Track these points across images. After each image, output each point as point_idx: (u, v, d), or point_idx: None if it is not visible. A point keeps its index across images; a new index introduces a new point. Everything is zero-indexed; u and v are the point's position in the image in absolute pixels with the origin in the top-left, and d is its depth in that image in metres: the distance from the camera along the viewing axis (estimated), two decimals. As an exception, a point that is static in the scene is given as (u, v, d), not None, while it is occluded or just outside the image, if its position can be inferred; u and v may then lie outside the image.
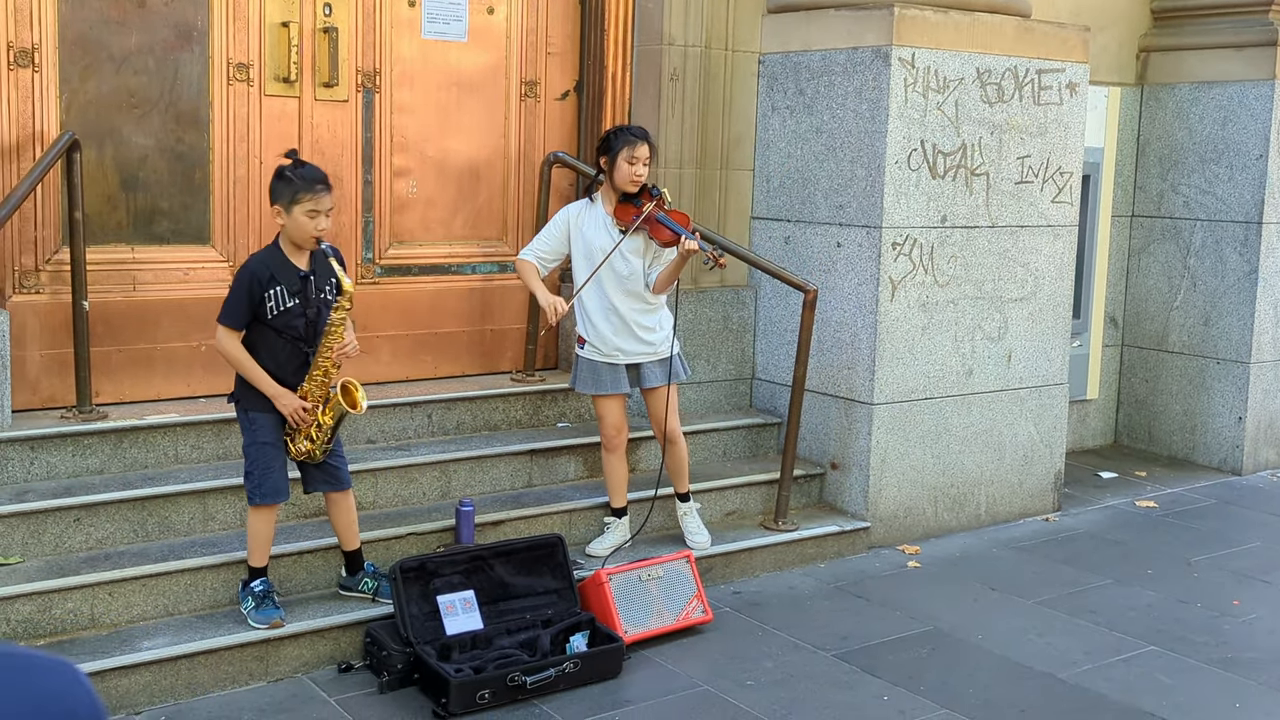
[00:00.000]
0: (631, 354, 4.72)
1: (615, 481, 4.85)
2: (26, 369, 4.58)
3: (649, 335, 4.72)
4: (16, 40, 4.45)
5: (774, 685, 4.11)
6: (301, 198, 3.82)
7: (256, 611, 3.99)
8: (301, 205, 3.82)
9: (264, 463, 3.96)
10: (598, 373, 4.73)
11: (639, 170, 4.60)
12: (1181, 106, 7.08)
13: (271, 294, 3.86)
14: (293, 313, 3.89)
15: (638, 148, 4.59)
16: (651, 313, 4.73)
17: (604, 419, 4.78)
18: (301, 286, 3.90)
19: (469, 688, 3.80)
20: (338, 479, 4.11)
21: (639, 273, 4.68)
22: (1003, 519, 5.97)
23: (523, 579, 4.36)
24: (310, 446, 3.97)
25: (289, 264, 3.91)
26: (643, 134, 4.64)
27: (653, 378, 4.76)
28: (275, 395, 3.90)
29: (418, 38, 5.32)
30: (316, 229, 3.84)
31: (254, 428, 3.97)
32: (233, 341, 3.90)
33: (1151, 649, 4.51)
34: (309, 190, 3.82)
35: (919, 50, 5.35)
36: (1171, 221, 7.17)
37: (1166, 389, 7.26)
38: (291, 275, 3.90)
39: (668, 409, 4.77)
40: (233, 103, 4.90)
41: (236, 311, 3.87)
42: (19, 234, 4.55)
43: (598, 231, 4.68)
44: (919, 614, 4.76)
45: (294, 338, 3.92)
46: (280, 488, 3.99)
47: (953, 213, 5.56)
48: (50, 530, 4.12)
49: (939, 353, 5.60)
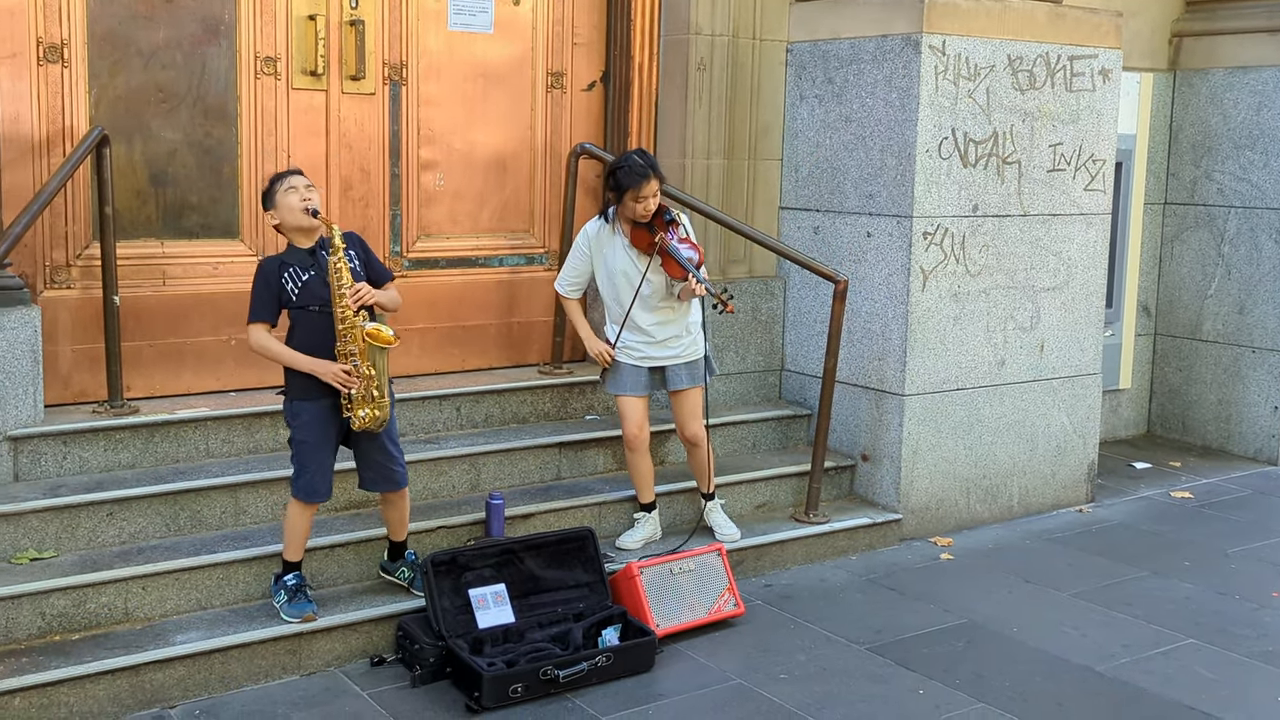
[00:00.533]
0: (658, 359, 4.73)
1: (640, 478, 4.83)
2: (58, 364, 4.59)
3: (673, 343, 4.73)
4: (46, 36, 4.46)
5: (807, 679, 4.08)
6: (276, 187, 3.96)
7: (289, 605, 3.99)
8: (278, 192, 3.95)
9: (302, 460, 3.98)
10: (621, 373, 4.75)
11: (649, 205, 4.57)
12: (1215, 92, 6.99)
13: (287, 276, 3.93)
14: (313, 283, 3.94)
15: (643, 187, 4.51)
16: (674, 322, 4.72)
17: (626, 418, 4.76)
18: (313, 259, 3.97)
19: (502, 681, 3.79)
20: (392, 479, 4.11)
21: (661, 289, 4.68)
22: (1035, 510, 5.91)
23: (554, 572, 4.34)
24: (370, 409, 3.93)
25: (296, 249, 3.99)
26: (645, 171, 4.52)
27: (678, 380, 4.76)
28: (313, 367, 3.91)
29: (444, 29, 5.30)
30: (301, 200, 3.92)
31: (296, 422, 3.98)
32: (261, 335, 3.94)
33: (1190, 642, 4.45)
34: (281, 179, 3.97)
35: (949, 37, 5.29)
36: (1205, 209, 7.08)
37: (1201, 378, 7.17)
38: (300, 255, 3.98)
39: (689, 414, 4.77)
40: (260, 96, 4.89)
41: (259, 305, 3.94)
42: (50, 229, 4.56)
43: (617, 255, 4.69)
44: (953, 607, 4.72)
45: (322, 307, 3.94)
46: (317, 489, 3.98)
47: (984, 201, 5.50)
48: (83, 525, 4.13)
49: (971, 343, 5.55)
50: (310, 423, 3.95)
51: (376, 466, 4.07)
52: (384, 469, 4.08)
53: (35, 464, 4.30)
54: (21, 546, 4.03)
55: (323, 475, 3.99)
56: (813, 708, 3.87)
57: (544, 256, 5.69)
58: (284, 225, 3.97)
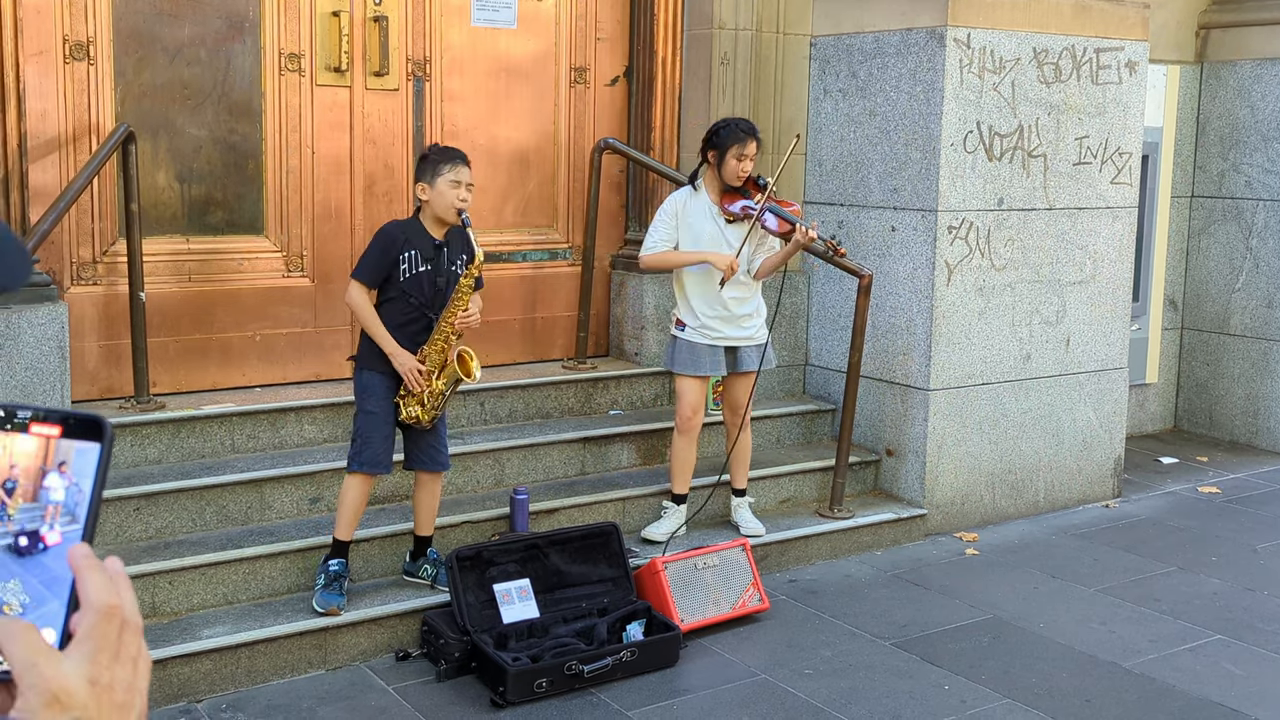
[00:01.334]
0: (731, 338, 4.74)
1: (681, 465, 4.83)
2: (85, 360, 4.62)
3: (746, 321, 4.74)
4: (72, 34, 4.48)
5: (833, 674, 4.07)
6: (443, 169, 3.96)
7: (322, 593, 4.03)
8: (444, 176, 3.96)
9: (367, 431, 4.02)
10: (697, 353, 4.74)
11: (746, 166, 4.61)
12: (1243, 84, 6.93)
13: (406, 256, 3.97)
14: (423, 278, 3.99)
15: (747, 145, 4.59)
16: (749, 300, 4.74)
17: (683, 397, 4.78)
18: (435, 254, 4.01)
19: (527, 676, 3.79)
20: (438, 460, 4.18)
21: (744, 260, 4.68)
22: (1062, 505, 5.88)
23: (578, 567, 4.34)
24: (420, 411, 4.02)
25: (425, 232, 4.03)
26: (751, 129, 4.63)
27: (748, 361, 4.78)
28: (394, 353, 3.96)
29: (467, 25, 5.30)
30: (459, 199, 3.96)
31: (365, 392, 4.04)
32: (363, 296, 4.00)
33: (1219, 638, 4.42)
34: (450, 162, 3.98)
35: (974, 30, 5.26)
36: (1233, 202, 7.02)
37: (1228, 373, 7.12)
38: (427, 243, 4.01)
39: (746, 394, 4.81)
40: (285, 93, 4.91)
41: (371, 268, 3.99)
42: (76, 226, 4.59)
43: (704, 220, 4.69)
44: (978, 602, 4.70)
45: (420, 303, 4.00)
46: (379, 460, 4.03)
47: (1009, 195, 5.47)
48: (110, 519, 4.15)
49: (996, 337, 5.52)
50: (377, 394, 4.02)
51: (426, 447, 4.14)
52: (432, 449, 4.15)
53: (63, 459, 4.32)
54: (50, 541, 4.05)
55: (387, 448, 4.04)
56: (838, 703, 3.86)
57: (567, 252, 5.69)
58: (429, 205, 4.00)
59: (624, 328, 5.75)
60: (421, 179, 4.02)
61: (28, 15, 4.37)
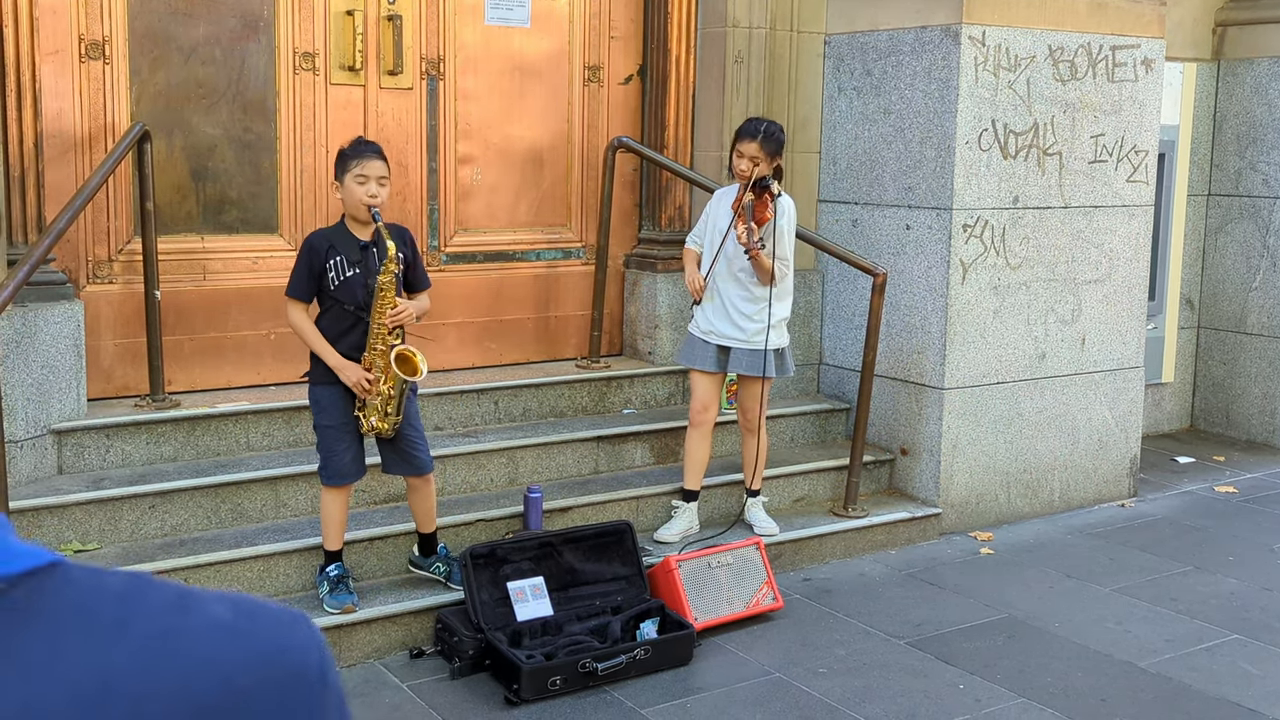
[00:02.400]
0: (724, 336, 4.73)
1: (694, 461, 4.82)
2: (100, 358, 4.64)
3: (744, 322, 4.71)
4: (88, 33, 4.50)
5: (847, 673, 4.06)
6: (351, 165, 3.87)
7: (331, 596, 4.01)
8: (351, 172, 3.86)
9: (328, 444, 3.97)
10: (693, 346, 4.80)
11: (742, 165, 4.62)
12: (1260, 82, 6.89)
13: (332, 264, 3.88)
14: (354, 282, 3.89)
15: (743, 143, 4.63)
16: (752, 301, 4.71)
17: (692, 392, 4.82)
18: (362, 256, 3.91)
19: (541, 674, 3.79)
20: (414, 464, 4.08)
21: (743, 258, 4.67)
22: (1077, 505, 5.85)
23: (592, 565, 4.34)
24: (378, 420, 3.93)
25: (350, 236, 3.93)
26: (750, 130, 4.64)
27: (738, 363, 4.76)
28: (339, 367, 3.89)
29: (481, 24, 5.30)
30: (367, 195, 3.85)
31: (319, 407, 3.97)
32: (299, 313, 3.92)
33: (1235, 638, 4.39)
34: (357, 157, 3.87)
35: (989, 28, 5.24)
36: (1250, 200, 6.99)
37: (1245, 371, 7.08)
38: (352, 245, 3.91)
39: (752, 400, 4.80)
40: (299, 92, 4.92)
41: (299, 283, 3.90)
42: (92, 225, 4.61)
43: (722, 213, 4.74)
44: (993, 601, 4.68)
45: (355, 308, 3.90)
46: (346, 470, 3.97)
47: (1025, 193, 5.45)
48: (126, 517, 4.16)
49: (1011, 336, 5.50)
50: (330, 408, 3.94)
51: (399, 452, 4.05)
52: (403, 453, 4.05)
53: (79, 457, 4.34)
54: (66, 539, 4.07)
55: (349, 457, 3.96)
56: (852, 702, 3.85)
57: (581, 250, 5.69)
58: (344, 204, 3.94)
59: (637, 327, 5.75)
60: (335, 179, 3.92)
61: (43, 15, 4.39)
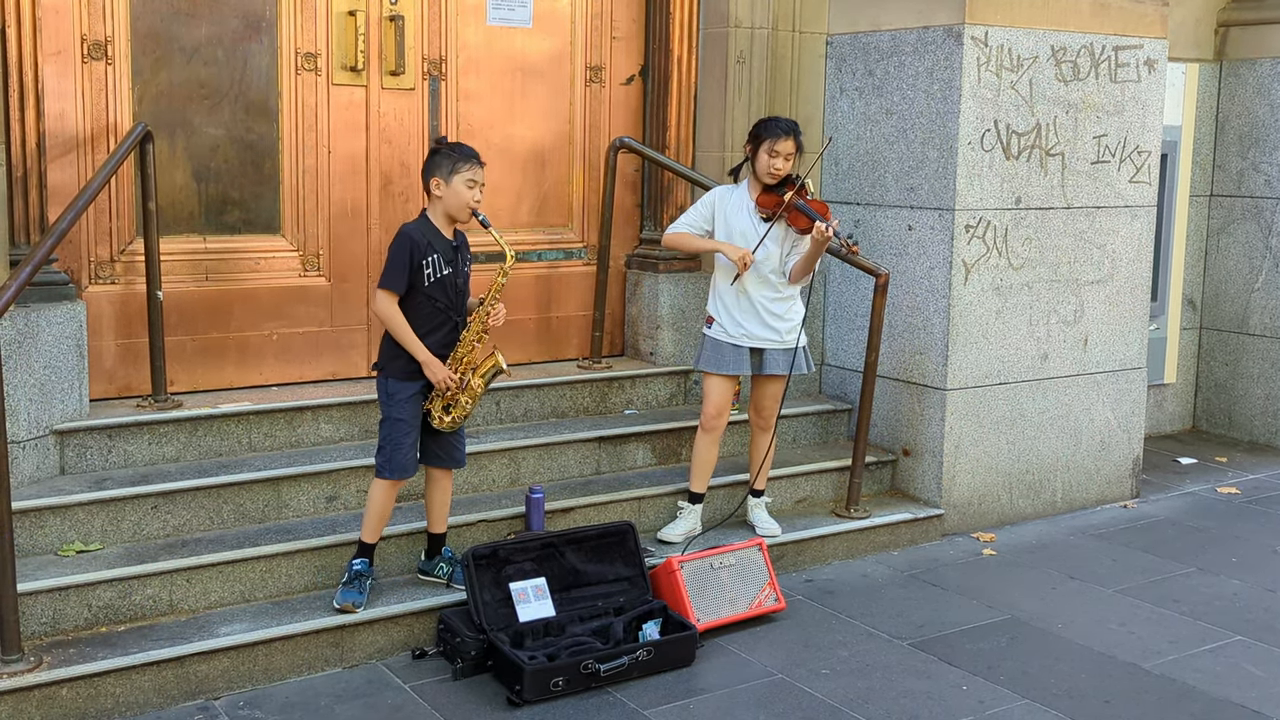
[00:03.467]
0: (757, 338, 4.71)
1: (701, 464, 4.82)
2: (103, 359, 4.64)
3: (776, 322, 4.71)
4: (90, 33, 4.50)
5: (849, 674, 4.05)
6: (461, 168, 3.96)
7: (343, 591, 4.04)
8: (461, 175, 3.96)
9: (396, 438, 4.02)
10: (721, 352, 4.74)
11: (778, 164, 4.60)
12: (1263, 82, 6.89)
13: (429, 260, 3.97)
14: (446, 281, 3.99)
15: (780, 141, 4.58)
16: (782, 301, 4.71)
17: (709, 397, 4.78)
18: (454, 256, 4.03)
19: (543, 675, 3.79)
20: (454, 457, 4.20)
21: (775, 260, 4.67)
22: (1079, 506, 5.85)
23: (594, 566, 4.33)
24: (456, 412, 4.06)
25: (440, 234, 4.02)
26: (789, 128, 4.62)
27: (774, 364, 4.76)
28: (426, 362, 3.97)
29: (483, 24, 5.30)
30: (474, 199, 3.98)
31: (392, 401, 4.03)
32: (392, 305, 3.97)
33: (1239, 639, 4.39)
34: (467, 161, 3.98)
35: (992, 28, 5.24)
36: (1253, 201, 6.98)
37: (1247, 372, 7.07)
38: (445, 245, 4.02)
39: (771, 398, 4.80)
40: (301, 92, 4.91)
41: (397, 275, 3.95)
42: (94, 225, 4.61)
43: (740, 215, 4.69)
44: (996, 602, 4.68)
45: (445, 306, 4.01)
46: (409, 465, 4.06)
47: (1027, 194, 5.44)
48: (129, 517, 4.16)
49: (1013, 337, 5.50)
50: (406, 402, 4.02)
51: (445, 445, 4.16)
52: (450, 446, 4.17)
53: (81, 457, 4.34)
54: (68, 539, 4.07)
55: (412, 453, 4.07)
56: (855, 703, 3.85)
57: (582, 251, 5.68)
58: (441, 202, 3.99)
59: (639, 327, 5.74)
60: (436, 174, 3.98)
61: (46, 15, 4.38)
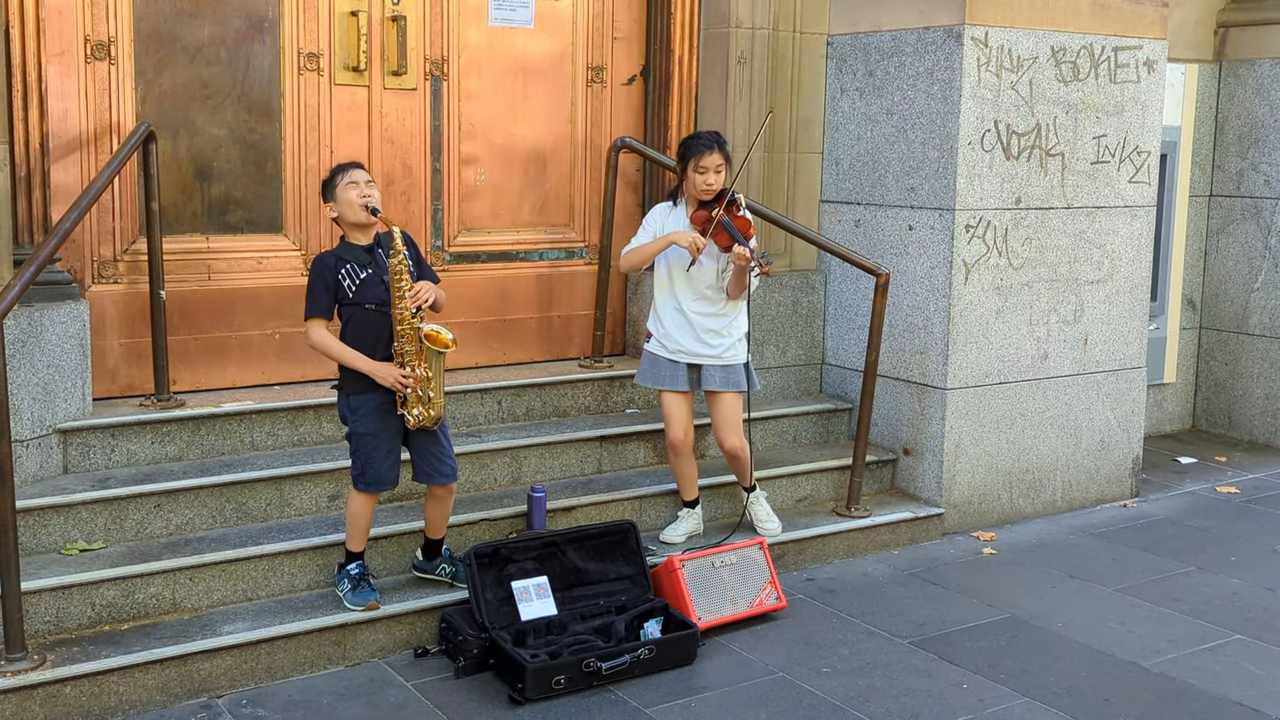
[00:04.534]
0: (693, 354, 4.67)
1: (683, 479, 4.82)
2: (106, 358, 4.65)
3: (713, 339, 4.65)
4: (93, 33, 4.51)
5: (850, 672, 4.07)
6: (338, 180, 3.98)
7: (353, 594, 4.04)
8: (340, 185, 3.96)
9: (365, 452, 3.99)
10: (658, 366, 4.72)
11: (709, 179, 4.53)
12: (1262, 83, 6.90)
13: (344, 273, 3.95)
14: (370, 282, 3.96)
15: (704, 157, 4.50)
16: (720, 317, 4.65)
17: (669, 420, 4.71)
18: (370, 258, 3.99)
19: (545, 673, 3.80)
20: (442, 471, 4.09)
21: (711, 275, 4.61)
22: (1079, 505, 5.87)
23: (596, 565, 4.35)
24: (424, 409, 3.96)
25: (353, 246, 4.01)
26: (710, 141, 4.53)
27: (711, 380, 4.68)
28: (372, 370, 3.94)
29: (485, 24, 5.31)
30: (360, 196, 3.94)
31: (355, 416, 4.00)
32: (320, 332, 3.96)
33: (1238, 638, 4.40)
34: (342, 172, 3.98)
35: (992, 29, 5.25)
36: (1252, 201, 7.00)
37: (1247, 372, 7.09)
38: (357, 252, 3.99)
39: (726, 423, 4.68)
40: (303, 92, 4.93)
41: (317, 300, 3.95)
42: (97, 225, 4.62)
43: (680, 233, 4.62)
44: (996, 601, 4.69)
45: (379, 305, 3.97)
46: (383, 477, 4.01)
47: (1027, 194, 5.46)
48: (131, 516, 4.17)
49: (1013, 336, 5.51)
50: (368, 415, 3.97)
51: (429, 459, 4.08)
52: (435, 462, 4.08)
53: (84, 456, 4.35)
54: (71, 538, 4.09)
55: (387, 464, 4.00)
56: (856, 701, 3.86)
57: (584, 250, 5.70)
58: (342, 219, 4.00)
59: (640, 326, 5.74)
60: (325, 199, 4.02)
61: (49, 15, 4.40)
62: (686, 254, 4.55)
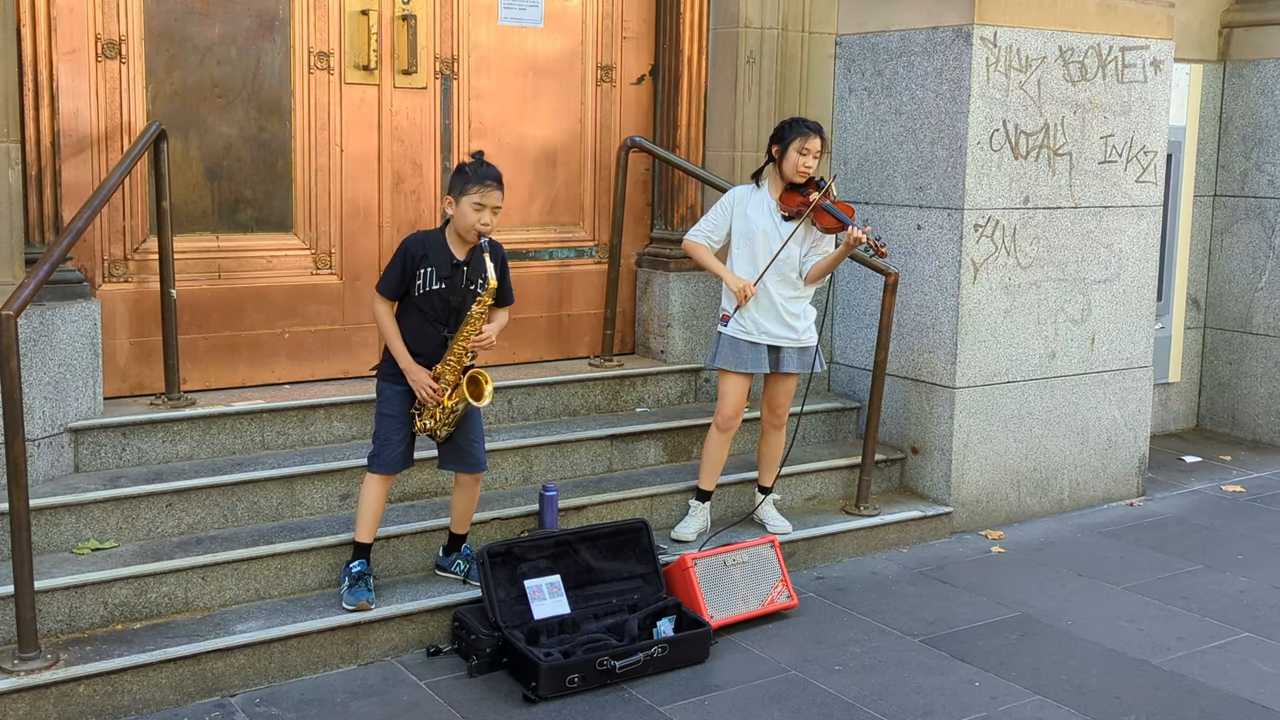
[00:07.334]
0: (775, 336, 4.73)
1: (713, 462, 4.84)
2: (116, 357, 4.65)
3: (794, 321, 4.73)
4: (104, 33, 4.51)
5: (862, 670, 4.07)
6: (470, 189, 3.93)
7: (349, 592, 4.05)
8: (469, 196, 3.92)
9: (385, 434, 4.06)
10: (739, 350, 4.74)
11: (808, 162, 4.63)
12: (1266, 83, 6.92)
13: (422, 272, 3.98)
14: (437, 295, 3.99)
15: (810, 140, 4.62)
16: (799, 300, 4.74)
17: (726, 397, 4.77)
18: (451, 273, 4.00)
19: (559, 672, 3.81)
20: (469, 461, 4.17)
21: (795, 259, 4.69)
22: (1086, 504, 5.88)
23: (608, 564, 4.35)
24: (432, 425, 4.06)
25: (446, 250, 4.01)
26: (817, 128, 4.67)
27: (790, 363, 4.77)
28: (407, 369, 4.00)
29: (495, 23, 5.32)
30: (480, 222, 3.93)
31: (382, 398, 4.08)
32: (385, 310, 4.03)
33: (1246, 635, 4.41)
34: (479, 183, 3.93)
35: (1000, 29, 5.26)
36: (1256, 201, 7.01)
37: (1251, 371, 7.10)
38: (445, 260, 4.00)
39: (785, 395, 4.83)
40: (314, 91, 4.93)
41: (390, 281, 4.01)
42: (108, 224, 4.62)
43: (760, 213, 4.70)
44: (1006, 599, 4.70)
45: (434, 319, 4.01)
46: (394, 461, 4.08)
47: (1035, 193, 5.47)
48: (143, 515, 4.17)
49: (1021, 335, 5.52)
50: (393, 400, 4.06)
51: (455, 448, 4.14)
52: (461, 450, 4.15)
53: (95, 455, 4.35)
54: (83, 537, 4.09)
55: (401, 450, 4.08)
56: (868, 699, 3.87)
57: (594, 249, 5.70)
58: (453, 221, 3.99)
59: (650, 325, 5.76)
60: (450, 192, 4.00)
61: (60, 14, 4.39)
62: (772, 237, 4.65)
